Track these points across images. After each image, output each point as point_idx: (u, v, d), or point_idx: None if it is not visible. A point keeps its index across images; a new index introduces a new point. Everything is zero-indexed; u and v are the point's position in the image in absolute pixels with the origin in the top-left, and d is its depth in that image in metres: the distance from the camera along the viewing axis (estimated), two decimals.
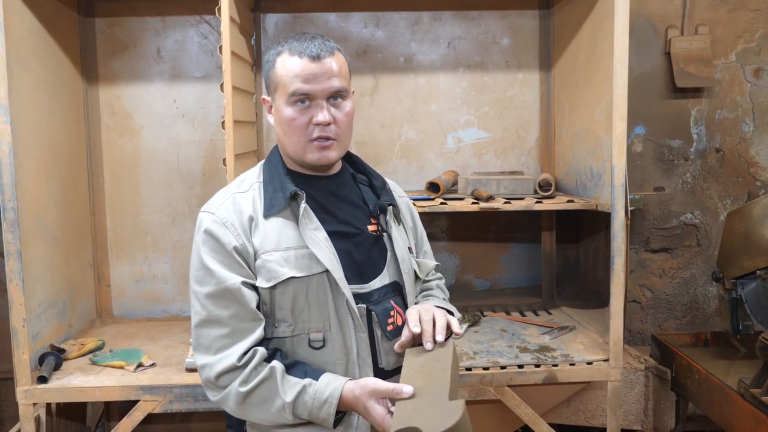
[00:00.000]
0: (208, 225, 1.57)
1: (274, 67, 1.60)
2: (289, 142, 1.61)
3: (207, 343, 1.55)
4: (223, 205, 1.60)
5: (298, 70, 1.55)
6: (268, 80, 1.63)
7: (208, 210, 1.60)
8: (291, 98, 1.56)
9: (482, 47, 3.32)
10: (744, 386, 2.43)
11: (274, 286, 1.55)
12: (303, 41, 1.58)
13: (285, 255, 1.56)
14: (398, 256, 1.70)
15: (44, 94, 2.78)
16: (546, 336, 2.92)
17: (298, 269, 1.56)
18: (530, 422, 2.65)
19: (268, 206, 1.59)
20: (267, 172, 1.66)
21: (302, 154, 1.60)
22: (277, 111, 1.60)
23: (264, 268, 1.56)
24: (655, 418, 2.86)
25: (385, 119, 3.34)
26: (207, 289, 1.55)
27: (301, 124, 1.57)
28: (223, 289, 1.54)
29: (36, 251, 2.64)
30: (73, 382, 2.55)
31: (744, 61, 3.44)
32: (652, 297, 3.60)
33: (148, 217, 3.29)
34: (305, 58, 1.56)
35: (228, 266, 1.55)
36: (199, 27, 3.22)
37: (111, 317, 3.31)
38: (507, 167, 3.37)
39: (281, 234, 1.58)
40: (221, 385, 1.54)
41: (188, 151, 3.27)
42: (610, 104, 2.56)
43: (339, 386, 1.51)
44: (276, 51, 1.61)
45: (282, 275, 1.55)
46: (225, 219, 1.57)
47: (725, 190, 3.52)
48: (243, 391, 1.52)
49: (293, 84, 1.55)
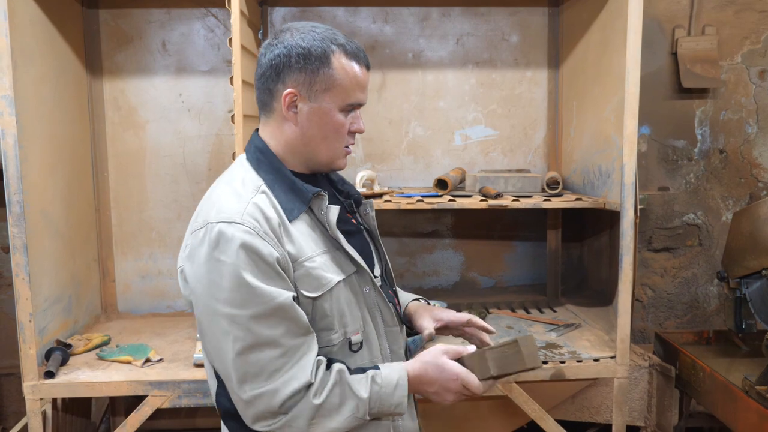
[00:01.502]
0: (243, 237, 1.37)
1: (329, 67, 1.46)
2: (328, 147, 1.52)
3: (257, 369, 1.38)
4: (247, 212, 1.41)
5: (361, 79, 1.51)
6: (311, 76, 1.46)
7: (231, 220, 1.39)
8: (348, 106, 1.50)
9: (491, 44, 3.32)
10: (749, 384, 2.45)
11: (321, 295, 1.46)
12: (351, 43, 1.51)
13: (324, 259, 1.48)
14: (381, 249, 1.73)
15: (48, 86, 2.75)
16: (552, 333, 2.94)
17: (340, 272, 1.50)
18: (537, 418, 2.67)
19: (289, 210, 1.47)
20: (264, 172, 1.51)
21: (335, 159, 1.56)
22: (321, 113, 1.49)
23: (309, 276, 1.45)
24: (658, 415, 2.88)
25: (392, 116, 3.33)
26: (251, 311, 1.36)
27: (346, 131, 1.53)
28: (274, 307, 1.38)
29: (42, 245, 2.62)
30: (80, 377, 2.54)
31: (750, 62, 3.46)
32: (654, 296, 3.62)
33: (153, 213, 3.27)
34: (363, 66, 1.51)
35: (273, 281, 1.39)
36: (206, 20, 3.20)
37: (116, 313, 3.29)
38: (514, 165, 3.38)
39: (309, 238, 1.48)
40: (287, 408, 1.40)
41: (194, 146, 3.25)
42: (621, 103, 2.56)
43: (403, 367, 1.49)
44: (321, 45, 1.46)
45: (332, 281, 1.47)
46: (257, 228, 1.39)
47: (728, 191, 3.55)
48: (317, 403, 1.41)
49: (355, 92, 1.50)
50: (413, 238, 3.47)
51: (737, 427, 2.51)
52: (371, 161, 3.34)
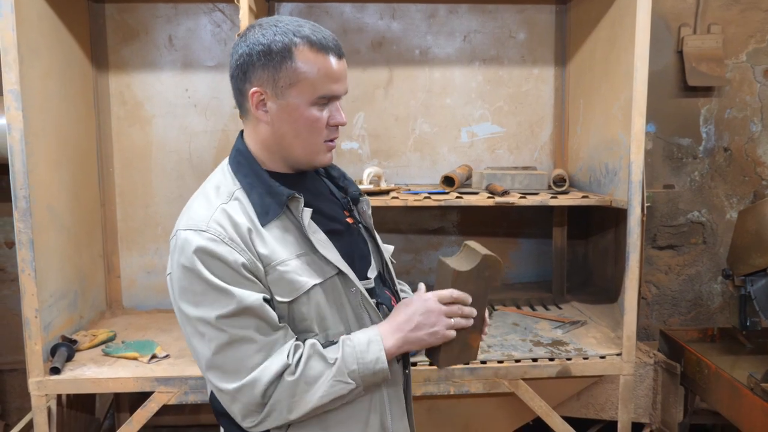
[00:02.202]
0: (203, 243, 1.35)
1: (291, 60, 1.40)
2: (302, 144, 1.46)
3: (235, 366, 1.38)
4: (213, 218, 1.39)
5: (330, 69, 1.43)
6: (275, 72, 1.41)
7: (196, 228, 1.38)
8: (319, 99, 1.43)
9: (498, 41, 3.32)
10: (754, 381, 2.46)
11: (296, 299, 1.43)
12: (317, 32, 1.43)
13: (299, 262, 1.44)
14: (381, 247, 1.69)
15: (55, 81, 2.73)
16: (558, 330, 2.94)
17: (316, 276, 1.45)
18: (543, 415, 2.68)
19: (262, 213, 1.43)
20: (242, 176, 1.48)
21: (314, 156, 1.50)
22: (289, 109, 1.43)
23: (282, 280, 1.41)
24: (663, 412, 2.89)
25: (399, 112, 3.33)
26: (220, 311, 1.36)
27: (322, 126, 1.46)
28: (243, 308, 1.36)
29: (48, 241, 2.61)
30: (86, 373, 2.52)
31: (755, 61, 3.46)
32: (658, 293, 3.63)
33: (158, 208, 3.26)
34: (332, 55, 1.43)
35: (240, 285, 1.37)
36: (212, 15, 3.18)
37: (121, 308, 3.29)
38: (520, 162, 3.38)
39: (286, 241, 1.44)
40: (268, 395, 1.39)
41: (200, 141, 3.24)
42: (629, 100, 2.57)
43: (374, 326, 1.49)
44: (284, 38, 1.41)
45: (305, 285, 1.43)
46: (221, 235, 1.37)
47: (732, 189, 3.56)
48: (292, 379, 1.38)
49: (325, 84, 1.43)
50: (419, 235, 3.47)
51: (742, 424, 2.52)
52: (378, 158, 3.34)
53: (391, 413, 1.56)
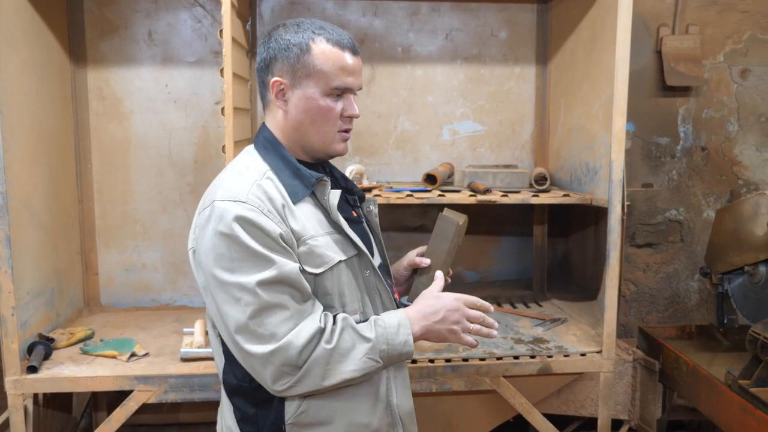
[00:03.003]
0: (243, 213, 1.43)
1: (309, 54, 1.53)
2: (317, 132, 1.58)
3: (270, 330, 1.43)
4: (251, 192, 1.48)
5: (344, 62, 1.55)
6: (294, 64, 1.54)
7: (235, 199, 1.46)
8: (333, 90, 1.55)
9: (480, 40, 3.33)
10: (732, 378, 2.49)
11: (323, 272, 1.53)
12: (335, 31, 1.57)
13: (327, 239, 1.55)
14: (382, 242, 1.80)
15: (32, 76, 2.70)
16: (539, 328, 2.96)
17: (341, 253, 1.57)
18: (524, 412, 2.69)
19: (293, 194, 1.54)
20: (271, 159, 1.58)
21: (329, 144, 1.61)
22: (305, 98, 1.55)
23: (312, 253, 1.51)
24: (642, 408, 2.92)
25: (381, 109, 3.32)
26: (260, 277, 1.42)
27: (336, 115, 1.58)
28: (283, 274, 1.44)
29: (24, 238, 2.58)
30: (64, 371, 2.49)
31: (731, 61, 3.51)
32: (636, 290, 3.67)
33: (137, 205, 3.22)
34: (347, 50, 1.56)
35: (278, 253, 1.45)
36: (193, 10, 3.15)
37: (99, 306, 3.25)
38: (501, 160, 3.39)
39: (313, 220, 1.55)
40: (304, 358, 1.44)
41: (180, 138, 3.20)
42: (609, 100, 2.59)
43: (401, 310, 1.60)
44: (304, 35, 1.54)
45: (332, 259, 1.54)
46: (261, 207, 1.46)
47: (709, 187, 3.61)
48: (330, 347, 1.46)
49: (339, 76, 1.55)
50: (400, 233, 3.46)
51: (720, 420, 2.55)
52: (360, 155, 3.33)
53: (396, 390, 1.67)
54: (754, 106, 3.56)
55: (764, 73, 3.54)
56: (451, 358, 2.64)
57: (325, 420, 1.56)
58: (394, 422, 1.66)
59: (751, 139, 3.58)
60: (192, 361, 2.57)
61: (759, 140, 3.58)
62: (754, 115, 3.56)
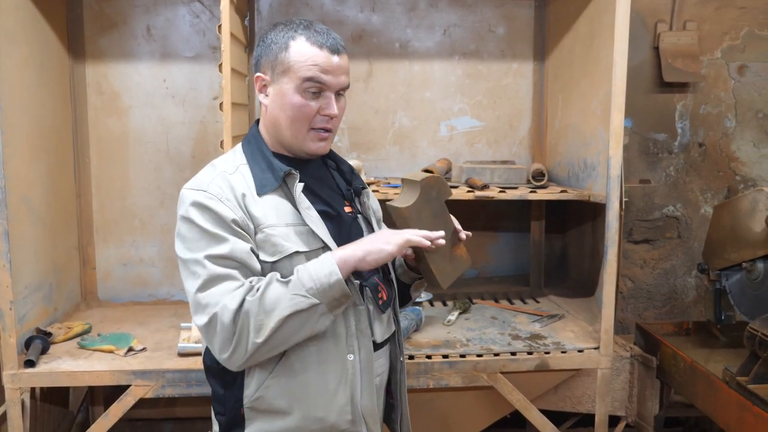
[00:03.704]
0: (200, 199, 1.53)
1: (286, 51, 1.59)
2: (290, 128, 1.62)
3: (215, 300, 1.48)
4: (213, 182, 1.57)
5: (319, 60, 1.58)
6: (273, 61, 1.60)
7: (198, 188, 1.56)
8: (305, 85, 1.58)
9: (477, 35, 3.33)
10: (730, 374, 2.49)
11: (278, 261, 1.56)
12: (320, 33, 1.60)
13: (287, 230, 1.58)
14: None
15: (31, 71, 2.70)
16: (536, 324, 2.96)
17: (301, 244, 1.58)
18: (521, 408, 2.70)
19: (260, 185, 1.60)
20: (249, 153, 1.66)
21: (301, 141, 1.64)
22: (281, 94, 1.60)
23: (268, 242, 1.56)
24: (639, 405, 2.92)
25: (378, 105, 3.33)
26: (211, 251, 1.50)
27: (309, 113, 1.60)
28: (233, 252, 1.50)
29: (23, 232, 2.58)
30: (61, 366, 2.50)
31: (729, 57, 3.51)
32: (633, 287, 3.68)
33: (136, 200, 3.22)
34: (326, 49, 1.59)
35: (232, 234, 1.52)
36: (191, 5, 3.15)
37: (96, 300, 3.25)
38: (498, 156, 3.39)
39: (279, 211, 1.59)
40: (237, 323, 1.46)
41: (178, 133, 3.20)
42: (607, 96, 2.59)
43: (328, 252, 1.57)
44: (287, 34, 1.60)
45: (288, 249, 1.56)
46: (219, 194, 1.54)
47: (706, 184, 3.61)
48: (254, 299, 1.47)
49: (310, 71, 1.57)
50: None
51: (717, 417, 2.55)
52: (357, 151, 3.33)
53: (361, 388, 1.65)
54: (752, 102, 3.56)
55: (762, 69, 3.54)
56: (448, 354, 2.64)
57: (282, 409, 1.59)
58: (356, 420, 1.64)
59: (749, 136, 3.59)
60: (189, 356, 2.57)
61: (756, 136, 3.59)
62: (751, 111, 3.57)
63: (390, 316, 1.79)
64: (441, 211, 1.70)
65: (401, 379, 1.83)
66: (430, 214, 1.67)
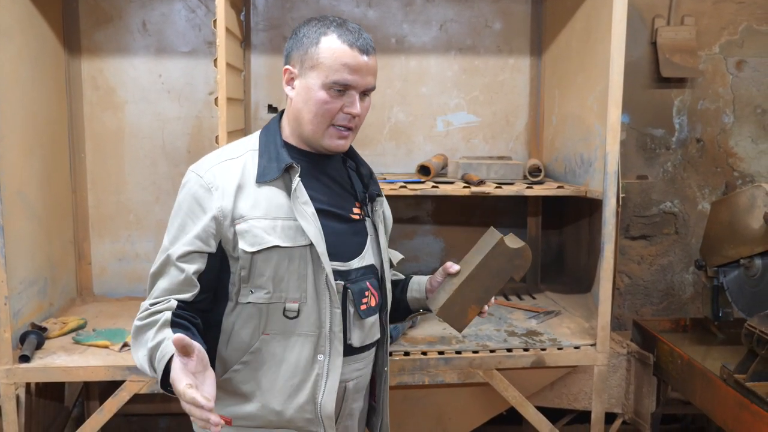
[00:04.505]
0: (192, 183, 1.61)
1: (317, 46, 1.59)
2: (311, 122, 1.63)
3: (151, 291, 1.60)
4: (212, 169, 1.62)
5: (348, 60, 1.58)
6: (303, 54, 1.61)
7: (197, 171, 1.63)
8: (332, 83, 1.58)
9: (474, 31, 3.31)
10: (727, 372, 2.48)
11: (257, 252, 1.58)
12: (352, 32, 1.61)
13: (272, 224, 1.59)
14: (381, 244, 1.79)
15: (26, 65, 2.68)
16: (533, 320, 2.96)
17: (284, 239, 1.59)
18: (517, 405, 2.69)
19: (261, 174, 1.62)
20: (263, 141, 1.69)
21: (320, 136, 1.64)
22: (307, 88, 1.61)
23: (249, 233, 1.58)
24: (636, 402, 2.92)
25: (374, 101, 3.21)
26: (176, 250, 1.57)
27: (332, 109, 1.61)
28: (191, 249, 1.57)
29: (18, 227, 2.57)
30: (56, 361, 2.49)
31: (727, 52, 3.50)
32: (630, 283, 3.67)
33: (131, 195, 3.21)
34: (356, 49, 1.59)
35: (199, 236, 1.57)
36: (187, 0, 3.14)
37: (92, 296, 3.24)
38: (495, 152, 3.38)
39: (271, 203, 1.61)
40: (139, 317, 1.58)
41: (173, 128, 3.19)
42: (605, 91, 2.58)
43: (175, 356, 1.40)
44: (319, 30, 1.60)
45: (267, 242, 1.58)
46: (211, 182, 1.59)
47: (704, 179, 3.60)
48: (136, 325, 1.55)
49: (339, 72, 1.58)
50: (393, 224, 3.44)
51: (715, 414, 2.55)
52: (353, 146, 3.31)
53: (324, 389, 1.64)
54: (750, 98, 3.55)
55: (760, 64, 3.53)
56: (444, 351, 2.63)
57: (245, 394, 1.64)
58: (315, 420, 1.65)
59: (747, 131, 3.58)
60: None
61: (755, 132, 3.58)
62: (749, 106, 3.55)
63: (375, 323, 1.78)
64: (505, 275, 1.78)
65: (384, 388, 1.85)
66: (500, 267, 1.76)
